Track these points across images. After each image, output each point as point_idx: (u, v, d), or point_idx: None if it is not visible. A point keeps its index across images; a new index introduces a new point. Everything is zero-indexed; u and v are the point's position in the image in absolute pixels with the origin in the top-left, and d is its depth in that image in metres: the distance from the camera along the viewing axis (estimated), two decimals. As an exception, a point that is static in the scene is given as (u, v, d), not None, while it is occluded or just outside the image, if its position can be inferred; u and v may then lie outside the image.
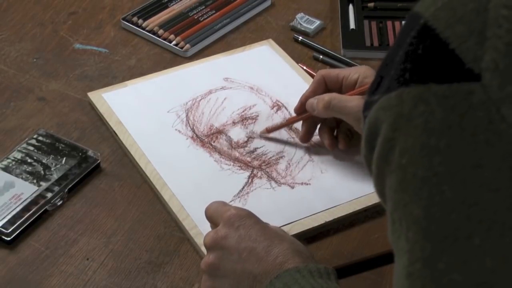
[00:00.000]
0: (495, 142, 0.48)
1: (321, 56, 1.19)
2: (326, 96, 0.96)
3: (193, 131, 1.04)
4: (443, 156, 0.49)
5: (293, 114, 1.06)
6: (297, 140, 1.03)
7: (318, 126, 1.01)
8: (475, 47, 0.48)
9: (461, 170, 0.48)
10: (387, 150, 0.51)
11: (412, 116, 0.50)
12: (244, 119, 1.06)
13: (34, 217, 0.91)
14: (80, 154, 0.98)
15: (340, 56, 1.19)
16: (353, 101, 0.94)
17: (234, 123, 1.05)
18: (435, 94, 0.49)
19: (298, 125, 1.05)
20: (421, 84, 0.50)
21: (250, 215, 0.81)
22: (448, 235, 0.49)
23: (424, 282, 0.50)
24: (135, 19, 1.24)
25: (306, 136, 1.01)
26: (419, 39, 0.50)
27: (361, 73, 0.97)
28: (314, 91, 0.99)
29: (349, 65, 1.17)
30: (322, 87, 0.99)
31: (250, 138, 1.03)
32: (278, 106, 1.08)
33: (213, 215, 0.85)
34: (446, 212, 0.48)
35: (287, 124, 1.04)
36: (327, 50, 1.20)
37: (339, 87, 0.98)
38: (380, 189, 0.54)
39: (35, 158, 0.97)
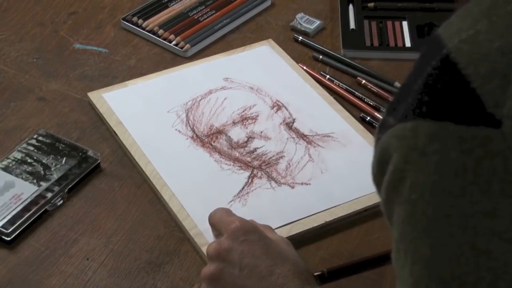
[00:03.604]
0: (511, 192, 0.46)
1: (321, 56, 1.19)
2: None
3: (193, 131, 1.04)
4: (455, 199, 0.47)
5: (293, 114, 1.06)
6: (297, 140, 1.03)
7: None
8: (498, 91, 0.47)
9: (473, 217, 0.47)
10: (397, 180, 0.51)
11: (425, 152, 0.48)
12: (244, 119, 1.06)
13: (34, 217, 0.91)
14: (80, 154, 0.98)
15: (340, 56, 1.19)
16: None
17: (234, 123, 1.05)
18: (452, 134, 0.47)
19: (298, 125, 1.05)
20: (438, 121, 0.48)
21: (254, 230, 0.81)
22: (454, 278, 0.48)
23: None
24: (135, 19, 1.24)
25: None
26: (440, 72, 0.49)
27: None
28: None
29: (349, 65, 1.17)
30: None
31: (250, 138, 1.03)
32: (278, 106, 1.08)
33: (218, 224, 0.85)
34: (455, 255, 0.48)
35: None
36: (327, 50, 1.20)
37: None
38: (388, 213, 0.53)
39: (35, 158, 0.97)
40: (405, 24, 1.25)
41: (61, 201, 0.94)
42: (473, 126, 0.47)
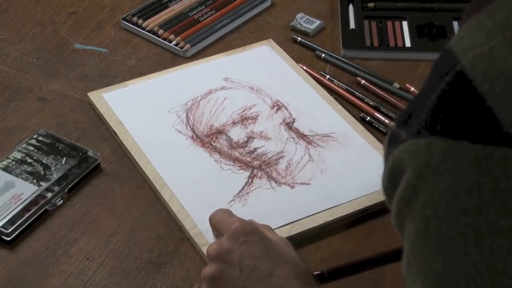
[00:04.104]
0: None
1: (323, 55, 1.19)
2: None
3: (193, 131, 1.04)
4: (471, 218, 0.47)
5: (293, 114, 1.06)
6: (297, 140, 1.03)
7: None
8: None
9: (490, 236, 0.46)
10: (410, 195, 0.50)
11: (440, 170, 0.48)
12: (244, 119, 1.06)
13: (34, 217, 0.91)
14: (80, 154, 0.98)
15: (339, 57, 1.19)
16: None
17: (234, 123, 1.05)
18: (467, 153, 0.47)
19: (298, 125, 1.05)
20: (453, 140, 0.47)
21: (255, 231, 0.81)
22: None
23: None
24: (135, 19, 1.24)
25: None
26: (454, 88, 0.48)
27: None
28: None
29: (349, 65, 1.17)
30: None
31: (250, 138, 1.03)
32: (278, 106, 1.08)
33: (218, 225, 0.85)
34: (469, 274, 0.47)
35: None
36: (327, 51, 1.20)
37: None
38: (399, 226, 0.53)
39: (35, 158, 0.97)
40: (405, 24, 1.25)
41: (61, 201, 0.94)
42: (490, 145, 0.46)
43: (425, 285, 0.50)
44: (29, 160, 0.97)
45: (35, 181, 0.94)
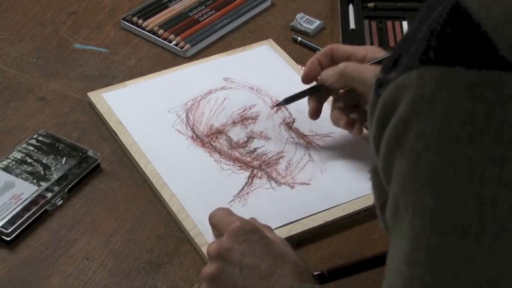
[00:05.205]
0: None
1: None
2: (341, 64, 0.94)
3: (193, 131, 1.04)
4: (463, 147, 0.46)
5: (293, 114, 1.06)
6: (297, 140, 1.03)
7: (331, 110, 0.99)
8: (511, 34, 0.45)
9: (481, 164, 0.46)
10: (401, 131, 0.49)
11: (433, 99, 0.47)
12: (244, 119, 1.06)
13: (34, 217, 0.91)
14: (80, 154, 0.98)
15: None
16: (369, 69, 0.91)
17: (234, 123, 1.05)
18: (462, 79, 0.46)
19: (298, 125, 1.05)
20: (447, 66, 0.46)
21: (255, 230, 0.81)
22: (457, 229, 0.47)
23: (425, 272, 0.48)
24: (135, 19, 1.24)
25: (316, 112, 1.00)
26: (448, 17, 0.47)
27: (370, 50, 0.95)
28: (319, 59, 0.98)
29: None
30: (329, 58, 0.98)
31: (250, 138, 1.03)
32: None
33: (218, 224, 0.85)
34: (459, 205, 0.47)
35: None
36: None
37: (346, 61, 0.96)
38: (387, 171, 0.51)
39: (35, 158, 0.97)
40: (405, 24, 1.25)
41: (61, 201, 0.94)
42: (485, 69, 0.45)
43: (413, 223, 0.49)
44: (29, 160, 0.97)
45: (35, 181, 0.94)
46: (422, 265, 0.48)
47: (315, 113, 1.00)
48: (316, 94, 1.00)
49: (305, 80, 1.00)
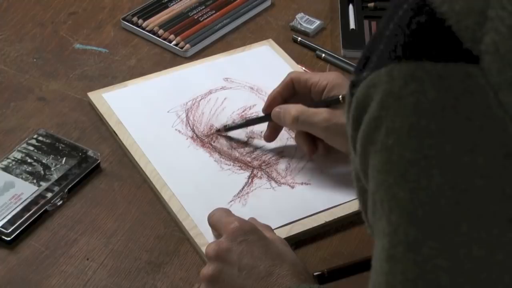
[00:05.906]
0: (490, 128, 0.46)
1: (323, 55, 1.19)
2: (293, 111, 0.94)
3: (193, 131, 1.04)
4: (434, 139, 0.47)
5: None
6: (297, 140, 1.03)
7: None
8: (475, 27, 0.46)
9: (452, 155, 0.46)
10: (373, 129, 0.49)
11: (402, 94, 0.47)
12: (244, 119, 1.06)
13: (34, 217, 0.91)
14: (80, 154, 0.98)
15: (340, 57, 1.19)
16: (321, 115, 0.92)
17: (234, 123, 1.05)
18: (429, 73, 0.47)
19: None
20: (414, 61, 0.47)
21: (253, 230, 0.81)
22: (434, 220, 0.47)
23: (406, 266, 0.48)
24: (135, 19, 1.24)
25: (272, 135, 1.00)
26: (413, 13, 0.48)
27: (330, 80, 0.95)
28: (281, 93, 0.98)
29: (349, 65, 1.17)
30: (290, 89, 0.98)
31: (250, 138, 1.03)
32: (278, 106, 1.08)
33: (217, 224, 0.85)
34: (434, 196, 0.47)
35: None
36: (327, 51, 1.20)
37: (308, 92, 0.96)
38: (364, 169, 0.52)
39: (35, 158, 0.97)
40: (405, 24, 1.25)
41: (61, 201, 0.94)
42: (452, 62, 0.46)
43: (390, 219, 0.49)
44: (29, 160, 0.97)
45: (35, 181, 0.94)
46: (402, 260, 0.48)
47: (270, 137, 1.01)
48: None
49: (265, 113, 1.00)
